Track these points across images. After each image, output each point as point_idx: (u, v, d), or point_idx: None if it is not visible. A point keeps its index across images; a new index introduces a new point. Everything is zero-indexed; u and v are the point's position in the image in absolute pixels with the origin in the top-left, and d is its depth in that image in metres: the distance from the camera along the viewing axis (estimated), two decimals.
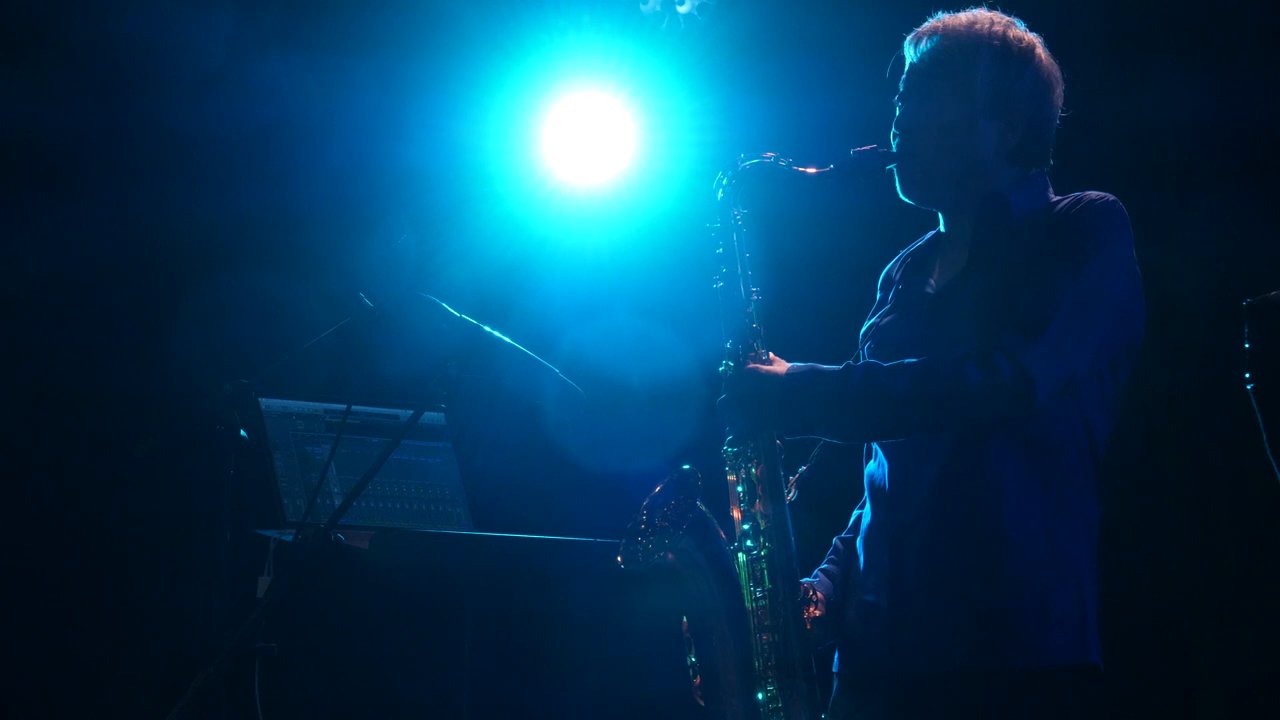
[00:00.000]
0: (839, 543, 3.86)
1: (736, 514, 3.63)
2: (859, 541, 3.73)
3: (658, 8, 6.23)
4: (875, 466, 3.72)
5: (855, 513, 3.89)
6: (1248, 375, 2.75)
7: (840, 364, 3.58)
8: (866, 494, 3.74)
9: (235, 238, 6.20)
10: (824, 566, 3.79)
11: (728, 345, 3.64)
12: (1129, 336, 3.58)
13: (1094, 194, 3.61)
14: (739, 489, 3.63)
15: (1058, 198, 3.68)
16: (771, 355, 3.62)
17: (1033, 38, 3.74)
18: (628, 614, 5.90)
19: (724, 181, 3.70)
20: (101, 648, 6.07)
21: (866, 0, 6.10)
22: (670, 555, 3.55)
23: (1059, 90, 3.74)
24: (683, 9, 6.24)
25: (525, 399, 6.15)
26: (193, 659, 4.83)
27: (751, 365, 3.58)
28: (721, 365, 3.63)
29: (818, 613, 3.63)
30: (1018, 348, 3.41)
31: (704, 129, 6.27)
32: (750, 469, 3.62)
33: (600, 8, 6.35)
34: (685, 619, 3.59)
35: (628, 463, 5.81)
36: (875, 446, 3.72)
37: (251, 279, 6.15)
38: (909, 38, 3.75)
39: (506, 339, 5.00)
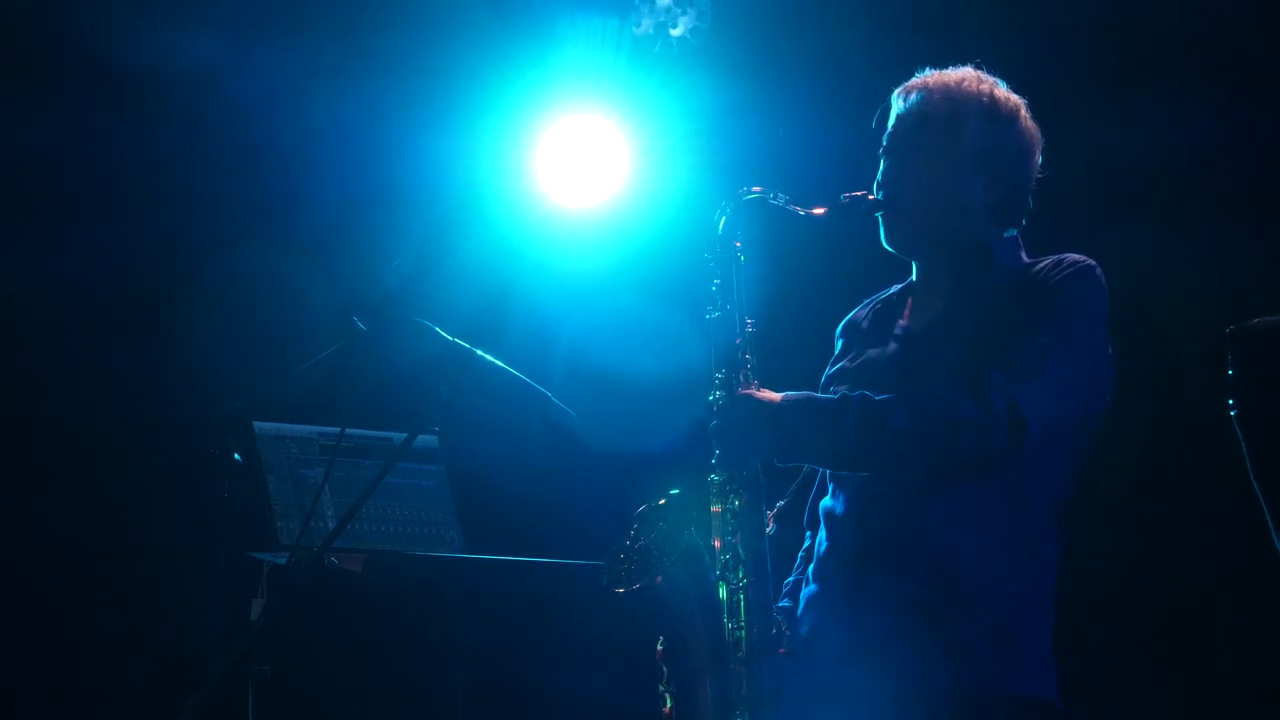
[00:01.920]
0: (799, 583, 3.88)
1: (718, 543, 3.65)
2: (810, 570, 3.75)
3: (651, 31, 6.26)
4: (833, 502, 3.74)
5: (800, 554, 3.93)
6: (1231, 401, 2.77)
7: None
8: (823, 527, 3.75)
9: (229, 260, 6.20)
10: (783, 604, 3.81)
11: (719, 376, 3.66)
12: (1102, 395, 3.64)
13: (1074, 256, 3.66)
14: (723, 519, 3.65)
15: (1031, 260, 3.73)
16: (761, 387, 3.63)
17: (1018, 100, 3.79)
18: (621, 637, 5.91)
19: (726, 213, 3.73)
20: (95, 669, 6.06)
21: (859, 24, 6.13)
22: (659, 579, 3.57)
23: (1039, 152, 3.79)
24: (676, 32, 6.26)
25: (517, 422, 6.16)
26: (186, 681, 4.83)
27: (745, 392, 3.61)
28: (711, 395, 3.66)
29: (783, 650, 3.64)
30: (1011, 388, 3.44)
31: (697, 151, 6.28)
32: (734, 501, 3.64)
33: (594, 30, 6.36)
34: (660, 645, 3.60)
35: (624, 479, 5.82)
36: (831, 483, 3.75)
37: (245, 302, 6.15)
38: (897, 91, 3.81)
39: (499, 363, 5.02)
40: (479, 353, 4.97)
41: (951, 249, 3.73)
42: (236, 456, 4.96)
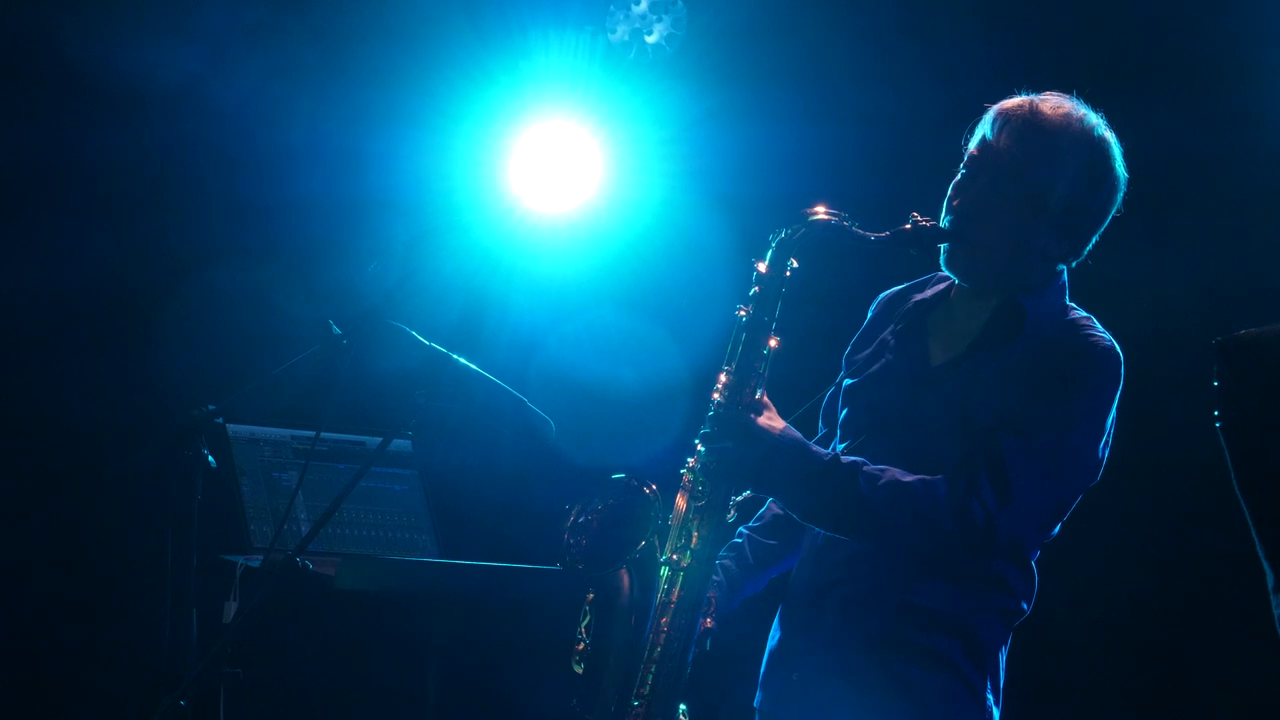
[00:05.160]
0: (746, 533, 3.89)
1: (681, 504, 3.61)
2: (787, 595, 3.78)
3: (626, 38, 6.27)
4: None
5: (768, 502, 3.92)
6: (1216, 413, 2.78)
7: (828, 447, 3.67)
8: (804, 543, 3.77)
9: (204, 263, 6.19)
10: (722, 556, 3.76)
11: (727, 370, 3.60)
12: (1087, 485, 3.62)
13: (1098, 337, 3.58)
14: (686, 505, 3.61)
15: (1071, 314, 3.65)
16: (766, 399, 3.59)
17: (1111, 138, 3.64)
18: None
19: (788, 229, 3.60)
20: (66, 673, 6.04)
21: (832, 30, 6.15)
22: (624, 571, 3.58)
23: (1121, 194, 3.66)
24: (651, 39, 6.27)
25: (492, 427, 6.15)
26: (159, 684, 4.82)
27: (746, 415, 3.55)
28: (714, 389, 3.60)
29: (710, 624, 3.63)
30: (993, 505, 3.43)
31: (671, 158, 6.29)
32: (702, 500, 3.59)
33: (569, 37, 6.36)
34: (592, 592, 3.60)
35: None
36: None
37: (220, 304, 6.14)
38: (994, 110, 3.64)
39: (474, 367, 5.01)
40: (455, 357, 4.97)
41: (1002, 287, 3.64)
42: (210, 459, 4.94)
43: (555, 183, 6.26)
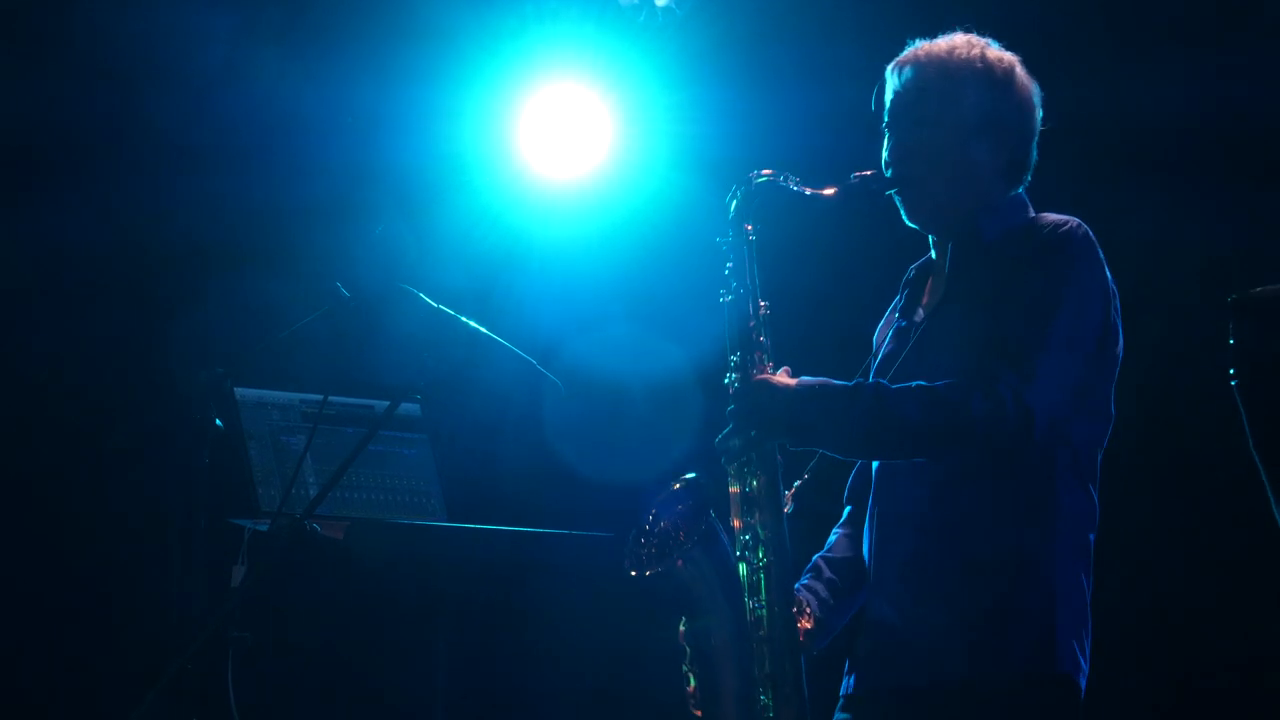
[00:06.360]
0: (820, 561, 3.88)
1: (737, 523, 3.64)
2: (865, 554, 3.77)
3: (636, 1, 6.23)
4: (870, 476, 3.77)
5: (835, 531, 3.93)
6: (1232, 372, 2.76)
7: (849, 380, 3.62)
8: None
9: (213, 229, 6.18)
10: (805, 582, 3.80)
11: (734, 358, 3.64)
12: (1109, 358, 3.63)
13: (1056, 219, 3.66)
14: (740, 499, 3.63)
15: (1032, 216, 3.73)
16: (777, 370, 3.62)
17: (1011, 57, 3.78)
18: (603, 607, 5.92)
19: (737, 197, 3.70)
20: (76, 636, 6.05)
21: None
22: (680, 562, 3.55)
23: (1039, 106, 3.78)
24: (661, 2, 6.24)
25: (501, 390, 6.15)
26: (167, 648, 4.82)
27: (760, 376, 3.59)
28: (727, 378, 3.64)
29: (808, 625, 3.66)
30: (1016, 383, 3.44)
31: (681, 122, 6.27)
32: (752, 481, 3.63)
33: (578, 1, 6.34)
34: (682, 626, 3.59)
35: (620, 467, 5.80)
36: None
37: (229, 269, 6.13)
38: (890, 66, 3.78)
39: (483, 330, 5.00)
40: (463, 319, 4.96)
41: (964, 221, 3.71)
42: (218, 422, 4.94)
43: (565, 147, 6.24)
